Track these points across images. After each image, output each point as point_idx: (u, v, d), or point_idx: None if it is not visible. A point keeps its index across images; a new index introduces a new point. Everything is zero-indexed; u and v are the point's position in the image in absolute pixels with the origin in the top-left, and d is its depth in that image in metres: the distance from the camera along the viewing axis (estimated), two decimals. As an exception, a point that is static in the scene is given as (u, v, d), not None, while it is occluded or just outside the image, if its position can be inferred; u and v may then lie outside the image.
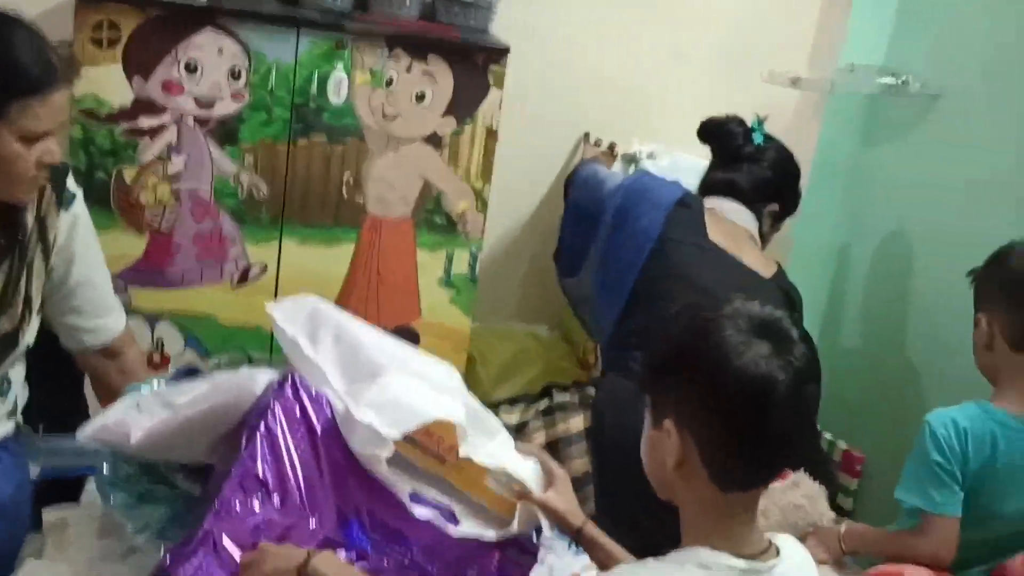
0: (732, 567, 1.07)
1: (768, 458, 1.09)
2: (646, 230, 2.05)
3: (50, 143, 1.49)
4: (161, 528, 1.42)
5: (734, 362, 1.04)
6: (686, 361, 1.09)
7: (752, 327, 1.07)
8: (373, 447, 1.34)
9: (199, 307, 2.27)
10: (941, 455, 1.75)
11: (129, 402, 1.49)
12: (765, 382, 1.04)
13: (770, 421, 1.04)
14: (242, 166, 2.21)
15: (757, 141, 2.14)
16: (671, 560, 1.10)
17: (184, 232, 2.22)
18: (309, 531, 1.32)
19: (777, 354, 1.05)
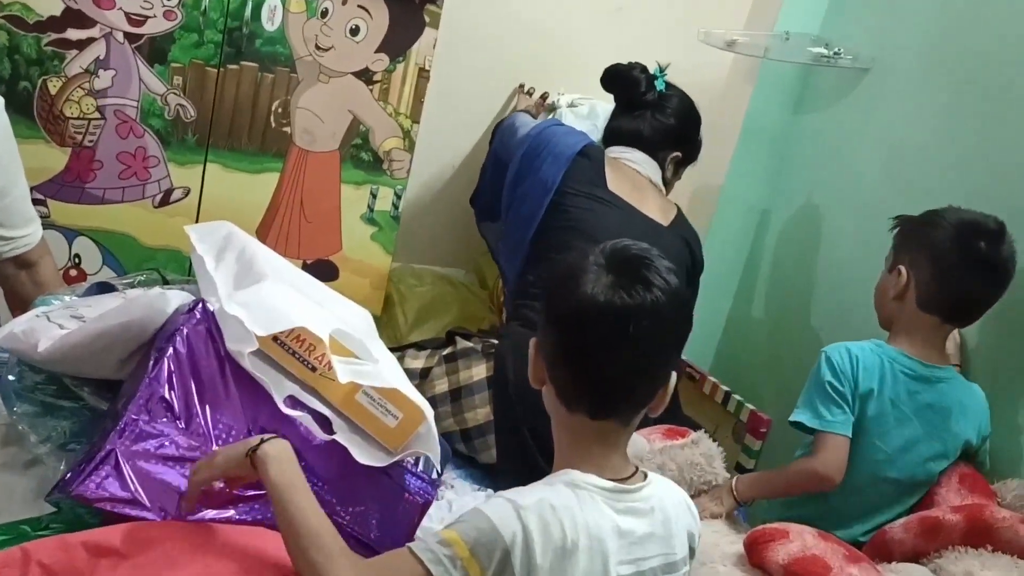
0: (599, 487, 1.15)
1: (595, 385, 1.16)
2: (544, 182, 2.10)
3: None
4: (64, 441, 1.43)
5: (573, 285, 1.14)
6: (548, 284, 1.23)
7: (608, 261, 1.16)
8: (239, 342, 1.37)
9: (119, 225, 2.26)
10: (834, 376, 1.84)
11: (39, 312, 1.50)
12: (589, 305, 1.13)
13: (590, 345, 1.14)
14: (170, 86, 2.19)
15: (659, 87, 2.19)
16: (542, 482, 1.17)
17: (107, 149, 2.20)
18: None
19: (618, 285, 1.13)
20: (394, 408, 1.47)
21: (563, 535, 1.10)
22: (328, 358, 1.44)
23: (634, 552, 1.17)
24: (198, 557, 1.15)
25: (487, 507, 1.12)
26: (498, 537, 1.09)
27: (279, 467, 1.19)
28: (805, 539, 1.63)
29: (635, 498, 1.18)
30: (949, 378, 1.88)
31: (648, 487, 1.20)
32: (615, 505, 1.16)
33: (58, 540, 1.16)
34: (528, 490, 1.14)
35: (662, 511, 1.20)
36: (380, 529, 1.46)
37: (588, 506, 1.13)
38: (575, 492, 1.14)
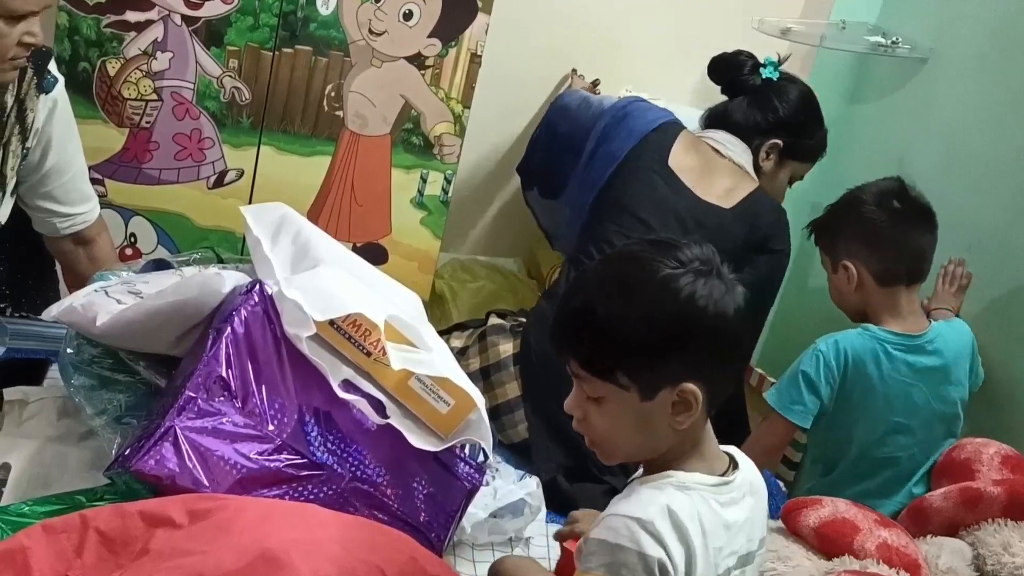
0: (707, 484, 1.14)
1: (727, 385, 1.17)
2: (613, 153, 2.10)
3: (33, 24, 1.50)
4: (119, 415, 1.46)
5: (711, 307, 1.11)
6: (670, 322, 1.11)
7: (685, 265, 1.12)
8: (297, 326, 1.38)
9: (174, 206, 2.29)
10: (812, 368, 1.92)
11: (97, 287, 1.53)
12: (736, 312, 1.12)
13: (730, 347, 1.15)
14: (226, 69, 2.21)
15: (767, 75, 2.15)
16: (646, 487, 1.14)
17: (164, 130, 2.23)
18: (268, 434, 1.37)
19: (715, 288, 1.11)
20: (446, 395, 1.49)
21: (688, 540, 1.09)
22: (383, 344, 1.45)
23: (736, 541, 1.16)
24: (252, 525, 1.17)
25: (617, 536, 1.08)
26: (647, 560, 1.07)
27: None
28: (837, 505, 1.67)
29: (732, 487, 1.17)
30: (938, 335, 1.95)
31: (740, 472, 1.19)
32: (719, 499, 1.14)
33: (115, 508, 1.18)
34: (639, 501, 1.11)
35: (752, 494, 1.20)
36: (428, 513, 1.48)
37: (701, 507, 1.12)
38: (687, 495, 1.12)
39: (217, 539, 1.15)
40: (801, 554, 1.63)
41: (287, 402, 1.39)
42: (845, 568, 1.46)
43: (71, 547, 1.15)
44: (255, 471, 1.32)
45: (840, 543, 1.60)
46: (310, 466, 1.37)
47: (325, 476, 1.38)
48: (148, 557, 1.14)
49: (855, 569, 1.46)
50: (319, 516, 1.25)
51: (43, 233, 1.84)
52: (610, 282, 1.15)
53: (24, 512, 1.26)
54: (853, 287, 1.96)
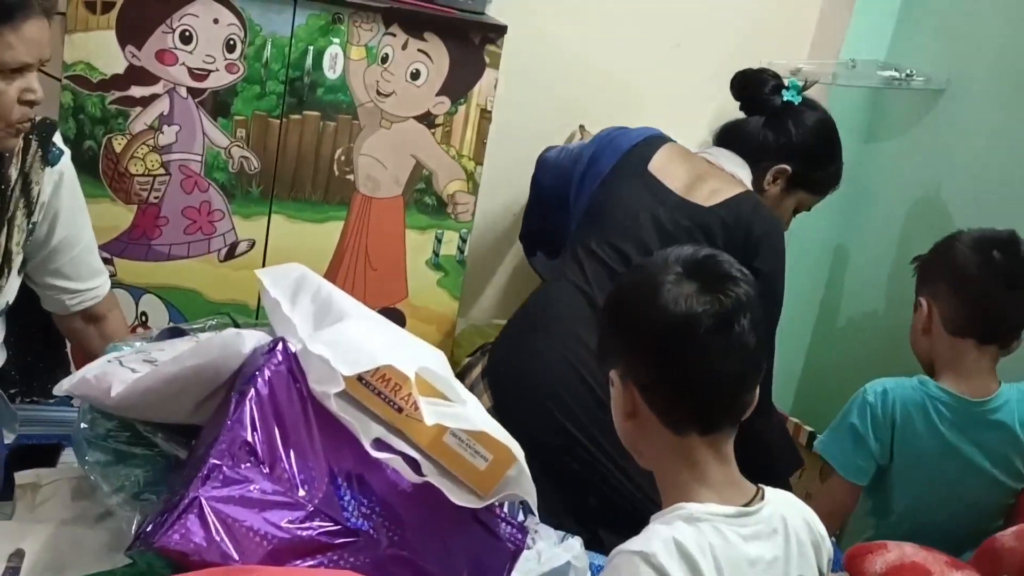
0: (722, 515, 1.06)
1: (707, 397, 1.09)
2: (600, 172, 2.07)
3: (31, 80, 1.45)
4: (137, 491, 1.37)
5: (657, 302, 1.08)
6: (621, 309, 1.15)
7: (685, 269, 1.10)
8: (324, 383, 1.30)
9: (185, 281, 2.23)
10: (860, 419, 1.82)
11: (110, 358, 1.46)
12: (686, 319, 1.06)
13: (696, 358, 1.07)
14: (234, 139, 2.18)
15: (788, 97, 2.10)
16: (657, 522, 1.07)
17: (173, 205, 2.18)
18: (298, 500, 1.28)
19: (705, 291, 1.07)
20: (483, 450, 1.40)
21: (699, 573, 1.02)
22: (414, 398, 1.37)
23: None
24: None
25: (619, 573, 1.03)
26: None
27: None
28: (904, 550, 1.58)
29: (758, 520, 1.09)
30: (1003, 404, 1.80)
31: (767, 505, 1.11)
32: (740, 532, 1.06)
33: (137, 589, 1.09)
34: (646, 538, 1.05)
35: (785, 530, 1.11)
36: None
37: (714, 539, 1.04)
38: (696, 526, 1.05)
39: (249, 613, 1.06)
40: None
41: (317, 465, 1.31)
42: None
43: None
44: (286, 541, 1.23)
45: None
46: (345, 532, 1.27)
47: (361, 543, 1.28)
48: (176, 638, 1.04)
49: None
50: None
51: (53, 312, 1.78)
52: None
53: (39, 598, 1.17)
54: (922, 328, 1.86)
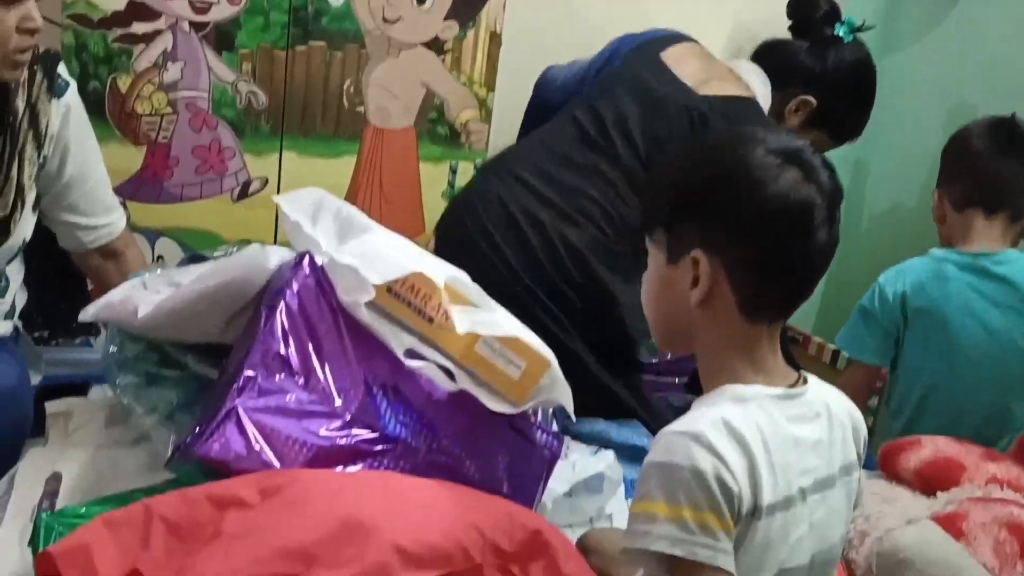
0: (769, 395, 1.04)
1: (796, 286, 1.07)
2: (609, 59, 2.04)
3: (29, 7, 1.43)
4: (171, 412, 1.37)
5: (770, 187, 1.03)
6: (717, 187, 1.06)
7: (784, 156, 1.05)
8: (354, 293, 1.29)
9: (199, 222, 2.20)
10: (870, 300, 1.90)
11: (135, 283, 1.44)
12: (805, 206, 1.02)
13: (805, 246, 1.04)
14: (240, 74, 2.14)
15: (839, 32, 2.05)
16: (703, 403, 1.06)
17: (182, 144, 2.15)
18: (335, 410, 1.26)
19: (809, 180, 1.03)
20: (516, 357, 1.38)
21: (749, 451, 0.99)
22: (445, 307, 1.35)
23: (809, 461, 1.06)
24: (330, 496, 1.07)
25: (669, 454, 0.99)
26: (701, 475, 0.97)
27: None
28: (937, 444, 1.57)
29: (803, 403, 1.07)
30: (1010, 260, 1.85)
31: (811, 390, 1.09)
32: (787, 412, 1.04)
33: (180, 494, 1.08)
34: (692, 419, 1.02)
35: (828, 415, 1.09)
36: (511, 484, 1.37)
37: (761, 418, 1.02)
38: (744, 406, 1.03)
39: (294, 513, 1.05)
40: (907, 496, 1.52)
41: (352, 375, 1.29)
42: (967, 496, 1.34)
43: (137, 539, 1.05)
44: (326, 448, 1.22)
45: (946, 485, 1.48)
46: (383, 440, 1.26)
47: (400, 450, 1.27)
48: (221, 540, 1.03)
49: (978, 496, 1.34)
50: (401, 482, 1.15)
51: (70, 250, 1.76)
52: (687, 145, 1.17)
53: (81, 513, 1.15)
54: (937, 218, 1.92)
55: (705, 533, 0.96)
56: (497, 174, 1.92)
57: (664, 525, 0.96)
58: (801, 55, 2.06)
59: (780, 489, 1.02)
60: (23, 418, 1.53)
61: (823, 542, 1.09)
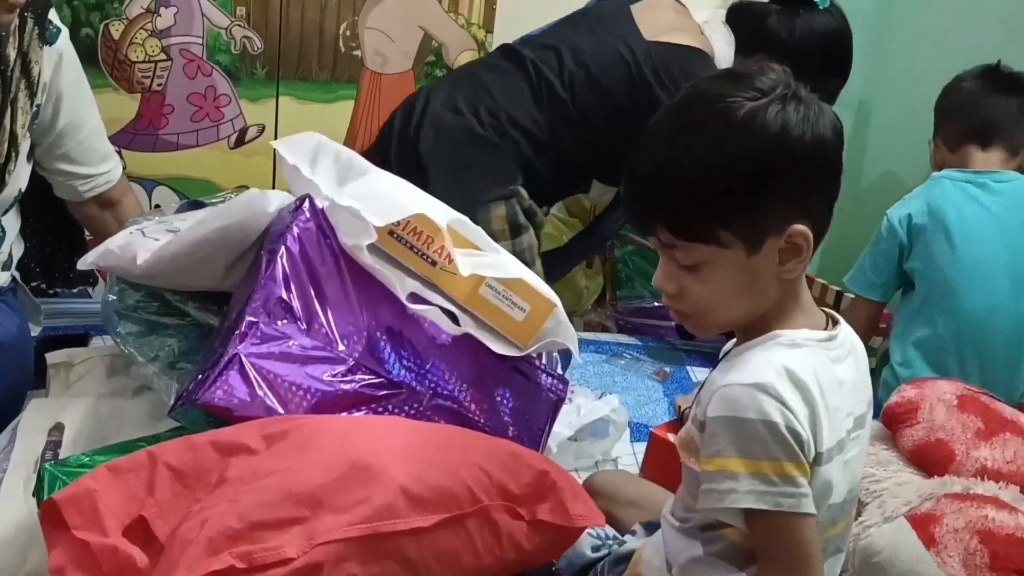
0: (816, 339, 1.03)
1: (828, 220, 1.03)
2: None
3: None
4: (173, 360, 1.35)
5: (810, 132, 0.99)
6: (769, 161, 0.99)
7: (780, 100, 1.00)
8: (356, 235, 1.27)
9: (197, 171, 2.19)
10: (878, 234, 1.94)
11: (133, 230, 1.42)
12: (836, 131, 1.02)
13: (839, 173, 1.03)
14: (234, 18, 2.10)
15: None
16: (755, 350, 1.03)
17: (177, 91, 2.12)
18: (339, 355, 1.25)
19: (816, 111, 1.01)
20: (520, 300, 1.37)
21: (811, 399, 0.98)
22: (448, 250, 1.33)
23: (849, 401, 1.05)
24: (335, 439, 1.06)
25: (737, 408, 0.97)
26: (775, 428, 0.96)
27: None
28: (935, 417, 1.48)
29: (839, 343, 1.05)
30: (1011, 180, 1.89)
31: (842, 330, 1.07)
32: (830, 355, 1.03)
33: (184, 441, 1.07)
34: (751, 366, 0.99)
35: (855, 354, 1.08)
36: (517, 427, 1.36)
37: (815, 363, 1.01)
38: (796, 352, 1.01)
39: (300, 457, 1.04)
40: (899, 460, 1.49)
41: (355, 320, 1.28)
42: (946, 491, 1.32)
43: (142, 485, 1.04)
44: (330, 394, 1.20)
45: (934, 471, 1.45)
46: (387, 385, 1.25)
47: (405, 395, 1.26)
48: (227, 484, 1.02)
49: (956, 492, 1.32)
50: (406, 425, 1.14)
51: (66, 199, 1.74)
52: (688, 130, 1.01)
53: (84, 463, 1.15)
54: (936, 164, 1.94)
55: (787, 483, 0.96)
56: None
57: (746, 481, 0.96)
58: (770, 19, 1.97)
59: (835, 433, 1.01)
60: (24, 369, 1.52)
61: (852, 480, 1.09)
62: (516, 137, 1.87)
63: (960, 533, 1.26)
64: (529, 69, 1.90)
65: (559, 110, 1.88)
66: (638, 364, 2.01)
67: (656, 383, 1.94)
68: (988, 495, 1.33)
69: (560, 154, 1.91)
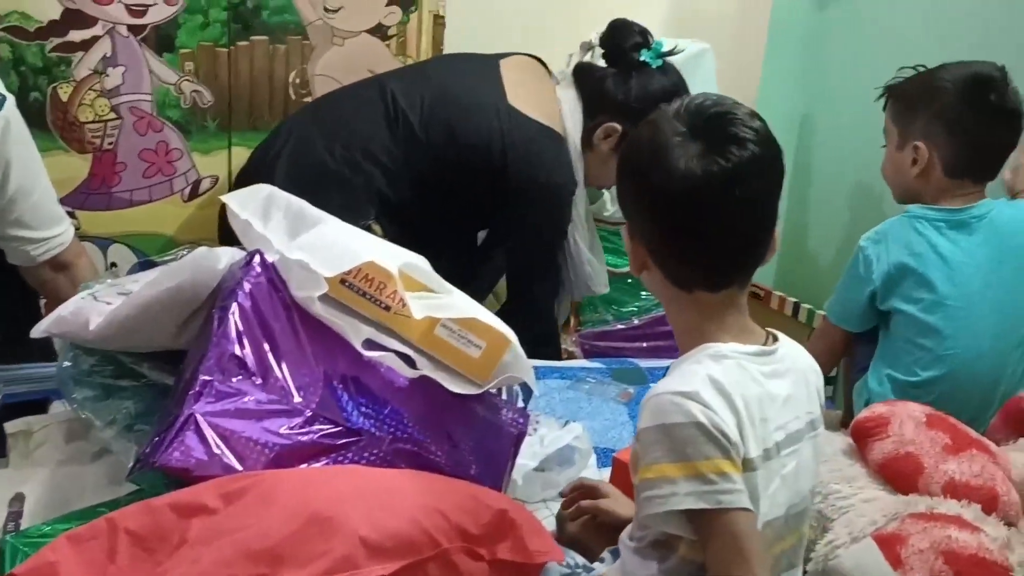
0: (745, 352, 1.06)
1: (710, 259, 1.08)
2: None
3: None
4: (130, 423, 1.35)
5: (662, 164, 1.05)
6: (630, 166, 1.11)
7: (691, 128, 1.06)
8: (307, 288, 1.28)
9: (151, 226, 2.18)
10: (856, 268, 1.83)
11: (84, 295, 1.42)
12: (687, 183, 1.03)
13: (696, 222, 1.05)
14: (182, 74, 2.11)
15: (644, 57, 2.01)
16: (686, 363, 1.07)
17: (128, 148, 2.13)
18: (296, 407, 1.26)
19: (708, 153, 1.04)
20: (476, 338, 1.38)
21: (736, 407, 1.02)
22: (400, 294, 1.35)
23: (783, 415, 1.08)
24: (295, 492, 1.06)
25: (667, 415, 1.01)
26: (705, 428, 1.00)
27: None
28: (904, 432, 1.49)
29: (775, 359, 1.09)
30: (986, 212, 1.79)
31: (781, 347, 1.11)
32: (762, 369, 1.07)
33: (143, 505, 1.08)
34: (679, 377, 1.05)
35: (796, 370, 1.12)
36: (478, 465, 1.37)
37: (739, 375, 1.04)
38: (721, 363, 1.05)
39: (259, 513, 1.04)
40: (866, 476, 1.50)
41: (310, 371, 1.29)
42: (911, 511, 1.34)
43: (102, 553, 1.04)
44: (289, 447, 1.21)
45: (903, 485, 1.47)
46: (347, 433, 1.26)
47: (364, 441, 1.27)
48: (187, 546, 1.03)
49: (920, 512, 1.34)
50: (365, 472, 1.15)
51: (19, 265, 1.74)
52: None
53: (45, 532, 1.15)
54: (917, 170, 1.81)
55: (723, 479, 0.99)
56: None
57: (684, 484, 0.99)
58: (607, 82, 2.03)
59: (761, 443, 1.04)
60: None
61: (795, 495, 1.11)
62: (370, 170, 1.94)
63: (925, 554, 1.28)
64: (390, 103, 1.97)
65: (411, 138, 1.96)
66: (603, 388, 2.02)
67: (621, 405, 1.95)
68: (952, 514, 1.33)
69: (417, 186, 1.97)
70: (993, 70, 1.77)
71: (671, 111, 1.09)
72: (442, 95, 1.99)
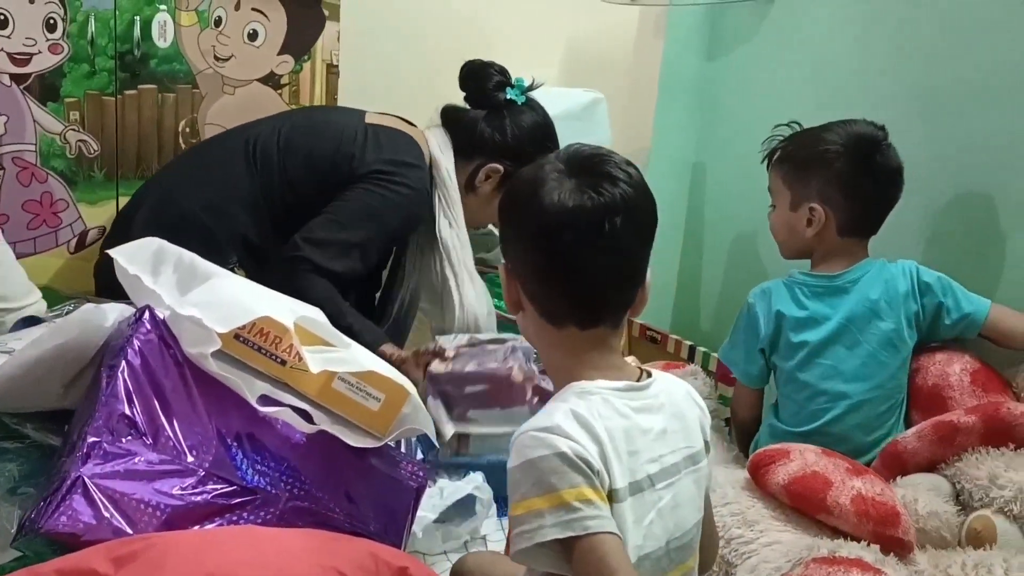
0: (612, 388, 1.09)
1: (580, 295, 1.10)
2: None
3: None
4: (13, 486, 1.30)
5: (535, 199, 1.08)
6: (508, 203, 1.16)
7: (568, 166, 1.10)
8: (199, 344, 1.26)
9: (37, 278, 2.08)
10: (746, 323, 1.91)
11: (-36, 355, 1.37)
12: (557, 217, 1.07)
13: (566, 257, 1.08)
14: (68, 123, 2.06)
15: (510, 96, 2.06)
16: (553, 401, 1.09)
17: (11, 200, 2.05)
18: (188, 467, 1.23)
19: (581, 189, 1.07)
20: (374, 390, 1.38)
21: (598, 437, 1.03)
22: (297, 348, 1.34)
23: (656, 449, 1.10)
24: (188, 556, 1.03)
25: (530, 451, 1.02)
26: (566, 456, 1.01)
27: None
28: (806, 457, 1.57)
29: (646, 395, 1.12)
30: (861, 276, 1.85)
31: (655, 383, 1.14)
32: (630, 404, 1.09)
33: (27, 573, 1.03)
34: (547, 415, 1.05)
35: (672, 405, 1.14)
36: (377, 521, 1.36)
37: (605, 410, 1.06)
38: (586, 399, 1.07)
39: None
40: (768, 518, 1.54)
41: (203, 429, 1.26)
42: (814, 556, 1.38)
43: (-17, 628, 1.00)
44: (182, 508, 1.18)
45: (812, 500, 1.51)
46: (242, 492, 1.23)
47: (260, 500, 1.25)
48: (75, 617, 0.99)
49: (823, 556, 1.38)
50: (262, 534, 1.12)
51: None
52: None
53: (-79, 610, 1.09)
54: (813, 231, 1.85)
55: (589, 506, 1.00)
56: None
57: (550, 515, 0.99)
58: (479, 126, 2.06)
59: (629, 475, 1.06)
60: None
61: (676, 528, 1.12)
62: (234, 213, 1.95)
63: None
64: (250, 147, 1.98)
65: (269, 169, 1.96)
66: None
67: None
68: (853, 557, 1.37)
69: (282, 223, 1.95)
70: (875, 130, 1.82)
71: (553, 155, 1.14)
72: (300, 125, 2.01)
